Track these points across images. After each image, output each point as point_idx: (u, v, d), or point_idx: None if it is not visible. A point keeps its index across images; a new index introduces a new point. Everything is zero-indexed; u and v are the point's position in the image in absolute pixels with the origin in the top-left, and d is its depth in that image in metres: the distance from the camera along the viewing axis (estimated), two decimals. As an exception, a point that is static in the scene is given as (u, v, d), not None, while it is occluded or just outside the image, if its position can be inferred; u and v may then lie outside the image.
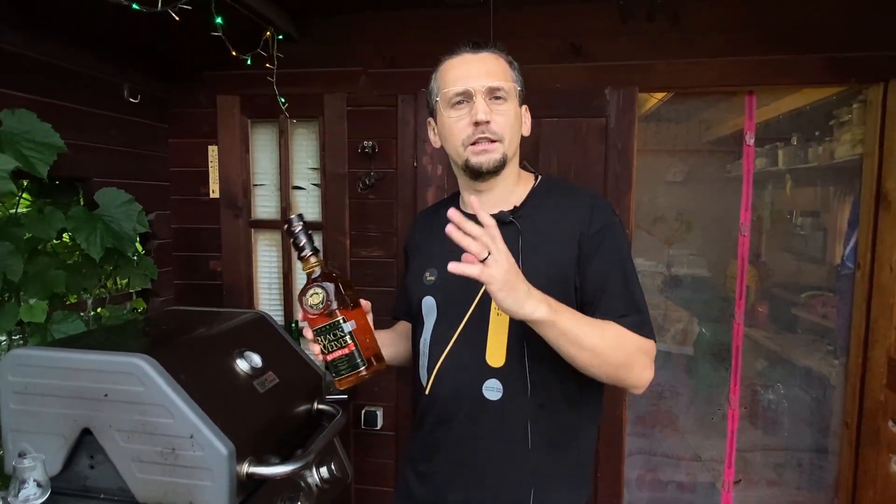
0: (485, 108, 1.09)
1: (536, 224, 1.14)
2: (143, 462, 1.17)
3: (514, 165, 1.19)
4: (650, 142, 3.24)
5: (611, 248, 1.11)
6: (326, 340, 1.01)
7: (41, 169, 1.57)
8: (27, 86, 1.65)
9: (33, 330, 1.76)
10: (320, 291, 1.00)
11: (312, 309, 1.00)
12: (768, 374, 3.12)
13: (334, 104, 2.16)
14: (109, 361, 1.17)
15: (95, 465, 1.22)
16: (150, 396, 1.15)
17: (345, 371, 1.02)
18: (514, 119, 1.14)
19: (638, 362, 1.06)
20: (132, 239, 1.90)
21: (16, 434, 1.22)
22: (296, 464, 1.26)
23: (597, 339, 1.00)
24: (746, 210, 2.24)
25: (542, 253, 1.11)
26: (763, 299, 3.22)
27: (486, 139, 1.11)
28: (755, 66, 1.95)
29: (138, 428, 1.16)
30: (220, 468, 1.14)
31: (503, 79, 1.13)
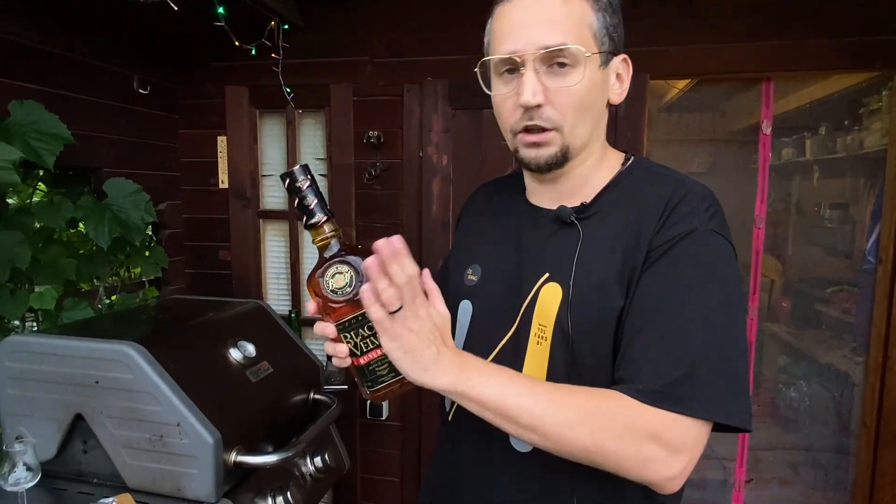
0: (534, 87, 0.77)
1: (604, 227, 0.83)
2: (132, 448, 1.19)
3: (588, 151, 0.86)
4: (673, 132, 3.15)
5: (676, 270, 0.75)
6: (358, 338, 0.73)
7: (48, 159, 1.59)
8: (36, 77, 1.68)
9: (44, 316, 1.80)
10: (346, 270, 0.73)
11: (336, 295, 0.73)
12: (790, 370, 3.03)
13: (340, 94, 2.15)
14: (100, 349, 1.18)
15: (88, 451, 1.24)
16: (139, 384, 1.16)
17: (385, 377, 0.74)
18: (587, 93, 0.79)
19: (633, 451, 0.69)
20: (140, 228, 1.93)
21: (13, 418, 1.25)
22: (283, 453, 1.26)
23: (546, 415, 0.69)
24: (762, 202, 2.16)
25: (598, 272, 0.80)
26: (786, 294, 3.12)
27: (536, 127, 0.80)
28: (772, 52, 1.86)
29: (128, 415, 1.18)
30: (206, 456, 1.15)
31: (571, 31, 0.77)
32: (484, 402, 0.71)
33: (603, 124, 0.88)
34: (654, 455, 0.69)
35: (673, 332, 0.73)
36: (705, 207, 0.78)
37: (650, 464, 0.69)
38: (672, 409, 0.69)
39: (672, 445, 0.69)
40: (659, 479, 0.70)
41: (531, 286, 0.86)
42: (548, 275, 0.84)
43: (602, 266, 0.80)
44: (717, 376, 0.71)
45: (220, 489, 1.17)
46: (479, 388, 0.70)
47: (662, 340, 0.73)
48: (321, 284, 0.74)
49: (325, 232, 0.76)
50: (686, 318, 0.73)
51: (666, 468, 0.69)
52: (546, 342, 0.83)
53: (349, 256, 0.75)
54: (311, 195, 0.76)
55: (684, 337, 0.72)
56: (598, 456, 0.70)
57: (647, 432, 0.69)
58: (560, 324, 0.81)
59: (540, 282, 0.85)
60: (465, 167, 2.12)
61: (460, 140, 2.11)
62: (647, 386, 0.71)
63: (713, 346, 0.72)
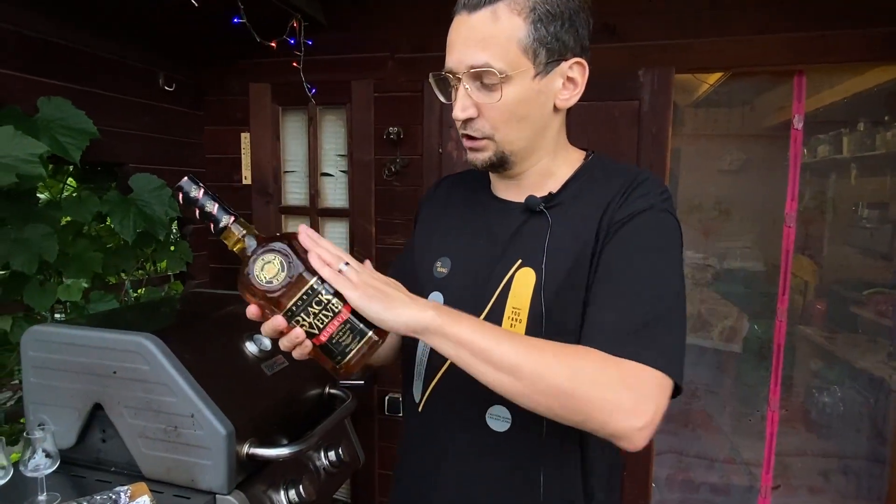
0: (463, 102, 0.84)
1: (570, 214, 0.88)
2: (148, 438, 1.20)
3: (538, 154, 0.91)
4: (701, 128, 3.07)
5: (629, 240, 0.81)
6: (311, 317, 0.71)
7: (74, 154, 1.63)
8: (64, 74, 1.72)
9: (72, 308, 1.85)
10: (273, 257, 0.72)
11: (273, 284, 0.71)
12: (824, 375, 2.93)
13: (361, 91, 2.15)
14: (117, 340, 1.20)
15: (107, 439, 1.27)
16: (155, 375, 1.17)
17: (352, 344, 0.72)
18: (517, 106, 0.83)
19: (607, 395, 0.71)
20: (164, 223, 1.96)
21: (36, 406, 1.28)
22: (296, 446, 1.26)
23: (522, 355, 0.72)
24: (793, 199, 2.09)
25: (568, 253, 0.86)
26: (821, 296, 3.01)
27: (471, 136, 0.87)
28: (803, 44, 1.80)
29: (144, 405, 1.19)
30: (219, 448, 1.15)
31: (496, 51, 0.80)
32: (462, 339, 0.72)
33: (553, 128, 0.91)
34: (624, 401, 0.71)
35: (626, 294, 0.79)
36: (660, 192, 0.86)
37: (620, 411, 0.71)
38: (634, 358, 0.73)
39: (640, 392, 0.71)
40: (626, 429, 0.71)
41: (504, 273, 0.89)
42: (521, 261, 0.88)
43: (571, 249, 0.85)
44: (667, 333, 0.77)
45: (233, 481, 1.18)
46: (458, 326, 0.72)
47: (617, 301, 0.79)
48: (254, 281, 0.72)
49: (236, 233, 0.76)
50: (639, 280, 0.79)
51: (634, 416, 0.70)
52: (521, 324, 0.86)
53: (271, 244, 0.74)
54: (209, 201, 0.76)
55: (637, 297, 0.78)
56: (570, 400, 0.71)
57: (617, 377, 0.72)
58: (534, 306, 0.85)
59: (514, 268, 0.89)
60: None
61: (481, 136, 2.08)
62: (608, 338, 0.75)
63: (663, 306, 0.78)
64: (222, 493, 1.17)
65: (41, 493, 1.13)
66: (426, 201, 1.13)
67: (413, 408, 0.99)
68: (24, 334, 1.27)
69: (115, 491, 1.12)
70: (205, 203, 0.75)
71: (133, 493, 1.13)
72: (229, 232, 0.76)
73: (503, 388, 0.73)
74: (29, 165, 1.41)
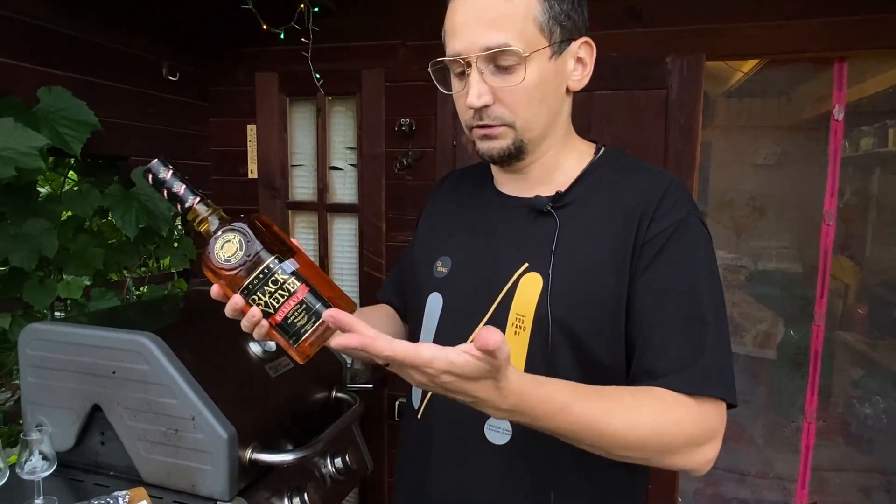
0: (479, 88, 0.81)
1: (583, 216, 0.87)
2: (148, 441, 1.21)
3: (549, 142, 0.90)
4: (735, 118, 3.02)
5: (676, 259, 0.81)
6: (266, 296, 0.73)
7: (75, 146, 1.65)
8: (64, 63, 1.74)
9: (72, 306, 1.88)
10: (233, 236, 0.74)
11: (231, 263, 0.73)
12: (865, 384, 2.87)
13: (372, 80, 2.16)
14: (117, 339, 1.21)
15: (105, 442, 1.28)
16: (155, 375, 1.18)
17: (307, 325, 0.73)
18: (536, 88, 0.82)
19: (687, 447, 0.76)
20: (167, 218, 1.98)
21: (34, 406, 1.30)
22: (301, 452, 1.27)
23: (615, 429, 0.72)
24: (832, 195, 2.05)
25: (582, 259, 0.84)
26: (862, 300, 2.95)
27: (487, 125, 0.85)
28: (845, 28, 1.76)
29: (144, 407, 1.20)
30: (220, 452, 1.16)
31: (512, 29, 0.79)
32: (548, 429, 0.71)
33: (564, 113, 0.91)
34: (698, 440, 0.77)
35: (688, 323, 0.80)
36: (688, 197, 0.87)
37: (695, 451, 0.77)
38: (713, 395, 0.77)
39: (710, 429, 0.78)
40: (699, 464, 0.78)
41: (508, 276, 0.88)
42: (527, 265, 0.87)
43: (582, 256, 0.85)
44: (725, 356, 0.81)
45: (235, 487, 1.18)
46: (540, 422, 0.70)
47: (684, 330, 0.80)
48: (213, 259, 0.75)
49: (200, 212, 0.79)
50: (693, 305, 0.81)
51: (706, 455, 0.78)
52: (525, 332, 0.86)
53: (232, 223, 0.77)
54: (176, 182, 0.78)
55: (698, 327, 0.80)
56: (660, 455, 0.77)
57: (701, 427, 0.77)
58: (540, 314, 0.84)
59: (519, 272, 0.87)
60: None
61: (497, 127, 2.08)
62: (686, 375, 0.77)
63: (720, 329, 0.81)
64: (223, 499, 1.18)
65: (38, 497, 1.14)
66: (429, 201, 1.15)
67: (412, 414, 1.00)
68: (21, 332, 1.29)
69: (113, 496, 1.13)
70: (172, 184, 0.78)
71: (132, 498, 1.15)
72: (194, 211, 0.79)
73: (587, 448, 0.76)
74: (28, 158, 1.44)
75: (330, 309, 0.69)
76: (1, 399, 1.82)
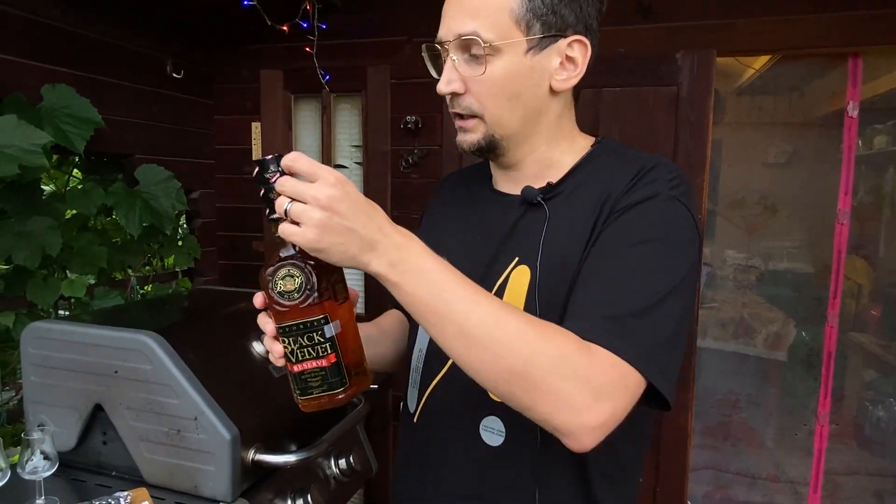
0: (448, 75, 0.82)
1: (570, 205, 0.85)
2: (150, 442, 1.21)
3: (534, 140, 0.88)
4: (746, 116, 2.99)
5: (626, 229, 0.78)
6: (296, 345, 0.74)
7: (78, 144, 1.65)
8: (68, 60, 1.75)
9: (76, 304, 1.88)
10: (298, 275, 0.73)
11: (282, 298, 0.73)
12: (878, 386, 2.84)
13: (377, 77, 2.15)
14: (119, 338, 1.21)
15: (108, 442, 1.28)
16: (157, 375, 1.18)
17: (316, 390, 0.75)
18: (506, 82, 0.81)
19: (560, 385, 0.66)
20: (171, 216, 1.99)
21: (36, 406, 1.30)
22: (305, 453, 1.26)
23: (482, 317, 0.67)
24: (846, 194, 2.02)
25: (564, 248, 0.83)
26: (876, 300, 2.92)
27: (458, 115, 0.86)
28: (859, 23, 1.73)
29: (146, 407, 1.20)
30: (223, 453, 1.16)
31: (485, 19, 0.78)
32: (418, 297, 0.68)
33: (551, 112, 0.88)
34: (576, 394, 0.67)
35: (614, 281, 0.75)
36: (670, 178, 0.81)
37: (568, 405, 0.67)
38: (603, 345, 0.69)
39: (599, 387, 0.68)
40: (572, 426, 0.68)
41: (501, 271, 0.87)
42: (518, 258, 0.86)
43: (568, 243, 0.82)
44: (650, 329, 0.72)
45: (237, 488, 1.18)
46: (418, 282, 0.68)
47: (603, 287, 0.75)
48: (269, 283, 0.74)
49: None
50: (629, 268, 0.76)
51: (586, 413, 0.67)
52: None
53: (305, 261, 0.73)
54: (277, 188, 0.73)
55: (624, 286, 0.75)
56: (520, 382, 0.67)
57: (580, 366, 0.67)
58: (529, 307, 0.82)
59: (511, 266, 0.86)
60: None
61: (504, 125, 2.07)
62: (582, 320, 0.72)
63: (652, 299, 0.73)
64: (226, 500, 1.17)
65: (39, 497, 1.14)
66: (430, 202, 1.13)
67: (408, 418, 0.99)
68: (23, 331, 1.29)
69: (114, 496, 1.13)
70: (272, 188, 0.72)
71: (133, 498, 1.14)
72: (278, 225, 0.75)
73: (458, 359, 0.70)
74: (32, 156, 1.44)
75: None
76: (5, 398, 1.82)
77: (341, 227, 0.64)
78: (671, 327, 0.74)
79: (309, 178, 0.65)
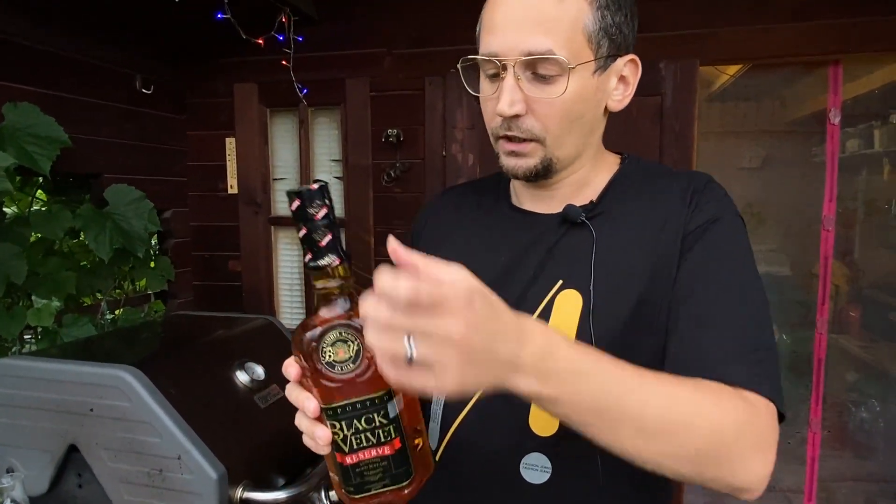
0: (511, 96, 0.74)
1: (618, 225, 0.81)
2: (130, 483, 1.15)
3: (580, 161, 0.83)
4: (722, 123, 3.03)
5: (717, 251, 0.76)
6: (350, 430, 0.58)
7: (44, 165, 1.58)
8: (32, 77, 1.67)
9: (44, 334, 1.80)
10: (354, 339, 0.57)
11: (333, 370, 0.57)
12: (861, 388, 2.88)
13: (357, 89, 2.11)
14: (94, 374, 1.15)
15: (83, 485, 1.21)
16: (137, 412, 1.12)
17: (375, 485, 0.60)
18: (574, 104, 0.75)
19: (743, 449, 0.63)
20: (143, 238, 1.91)
21: (4, 449, 1.22)
22: (295, 489, 1.21)
23: (656, 406, 0.60)
24: (831, 200, 2.04)
25: (624, 267, 0.79)
26: (855, 302, 2.97)
27: (516, 137, 0.78)
28: (840, 31, 1.76)
29: (125, 446, 1.14)
30: (210, 492, 1.10)
31: (560, 36, 0.72)
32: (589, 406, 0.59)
33: (598, 133, 0.85)
34: (760, 455, 0.63)
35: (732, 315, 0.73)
36: (724, 194, 0.82)
37: (753, 465, 0.63)
38: (757, 391, 0.66)
39: (769, 441, 0.65)
40: (756, 482, 0.64)
41: (542, 295, 0.81)
42: (562, 281, 0.80)
43: (623, 266, 0.79)
44: (774, 361, 0.71)
45: (226, 529, 1.12)
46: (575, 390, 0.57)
47: (727, 323, 0.72)
48: (317, 350, 0.57)
49: (335, 279, 0.59)
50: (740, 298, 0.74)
51: (764, 468, 0.63)
52: None
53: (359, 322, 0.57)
54: (324, 228, 0.58)
55: (744, 319, 0.73)
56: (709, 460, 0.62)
57: (755, 426, 0.64)
58: (582, 335, 0.77)
59: (553, 290, 0.80)
60: (493, 166, 2.03)
61: (487, 137, 2.04)
62: (735, 370, 0.68)
63: (767, 327, 0.73)
64: (214, 543, 1.12)
65: (10, 549, 1.07)
66: (427, 222, 1.02)
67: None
68: (-11, 368, 1.22)
69: (93, 545, 1.06)
70: (318, 227, 0.57)
71: (114, 546, 1.08)
72: (329, 274, 0.59)
73: (635, 455, 0.61)
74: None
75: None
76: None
77: (481, 360, 0.51)
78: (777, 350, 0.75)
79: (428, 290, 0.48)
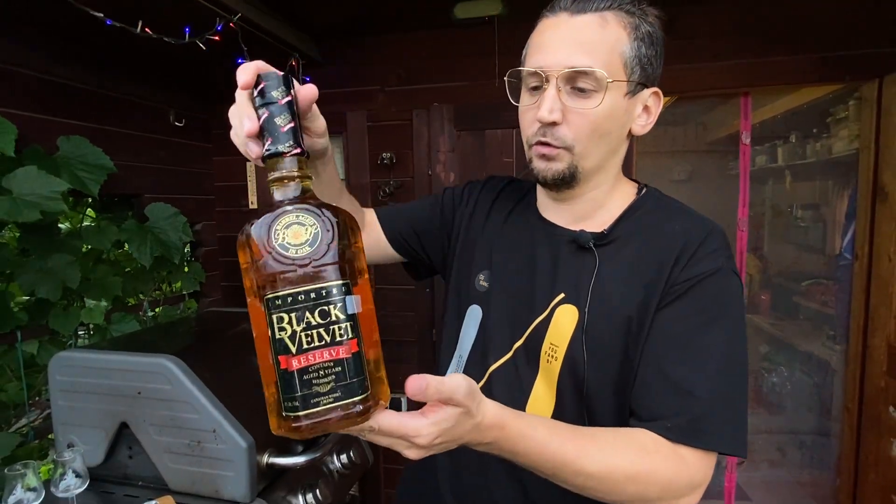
0: (552, 104, 0.71)
1: (623, 256, 0.76)
2: (173, 453, 1.14)
3: (601, 177, 0.78)
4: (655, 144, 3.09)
5: (697, 305, 0.69)
6: (300, 325, 0.43)
7: (93, 188, 1.56)
8: (82, 114, 1.65)
9: (95, 330, 1.77)
10: (313, 222, 0.45)
11: (285, 251, 0.44)
12: (771, 358, 2.95)
13: (356, 120, 2.11)
14: (141, 362, 1.14)
15: (133, 456, 1.20)
16: (177, 394, 1.11)
17: (325, 398, 0.43)
18: (605, 119, 0.72)
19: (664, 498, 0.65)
20: (179, 247, 1.89)
21: (64, 427, 1.21)
22: (312, 454, 1.21)
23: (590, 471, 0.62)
24: (744, 206, 2.09)
25: (618, 299, 0.73)
26: (765, 288, 3.04)
27: (547, 144, 0.74)
28: (750, 69, 1.80)
29: (168, 422, 1.13)
30: (241, 459, 1.10)
31: (599, 56, 0.69)
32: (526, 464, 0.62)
33: (620, 153, 0.80)
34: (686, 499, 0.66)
35: (692, 372, 0.68)
36: (726, 247, 0.74)
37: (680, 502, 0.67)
38: (700, 447, 0.65)
39: (699, 483, 0.66)
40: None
41: (545, 304, 0.78)
42: (563, 295, 0.77)
43: (618, 296, 0.74)
44: (731, 411, 0.67)
45: (255, 489, 1.12)
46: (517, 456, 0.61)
47: (682, 377, 0.68)
48: (269, 234, 0.44)
49: (289, 166, 0.48)
50: (707, 353, 0.68)
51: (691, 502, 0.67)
52: (556, 362, 0.76)
53: (324, 210, 0.46)
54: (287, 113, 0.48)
55: (704, 372, 0.68)
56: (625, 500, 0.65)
57: (684, 483, 0.65)
58: (574, 348, 0.74)
59: (555, 301, 0.77)
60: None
61: (465, 159, 2.06)
62: (675, 423, 0.66)
63: (728, 381, 0.68)
64: (245, 501, 1.11)
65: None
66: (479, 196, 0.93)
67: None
68: (51, 360, 1.20)
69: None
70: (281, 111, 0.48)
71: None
72: (280, 163, 0.48)
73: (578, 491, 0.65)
74: (52, 202, 1.35)
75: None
76: (32, 417, 1.69)
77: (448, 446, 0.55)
78: (744, 401, 0.69)
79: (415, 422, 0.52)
